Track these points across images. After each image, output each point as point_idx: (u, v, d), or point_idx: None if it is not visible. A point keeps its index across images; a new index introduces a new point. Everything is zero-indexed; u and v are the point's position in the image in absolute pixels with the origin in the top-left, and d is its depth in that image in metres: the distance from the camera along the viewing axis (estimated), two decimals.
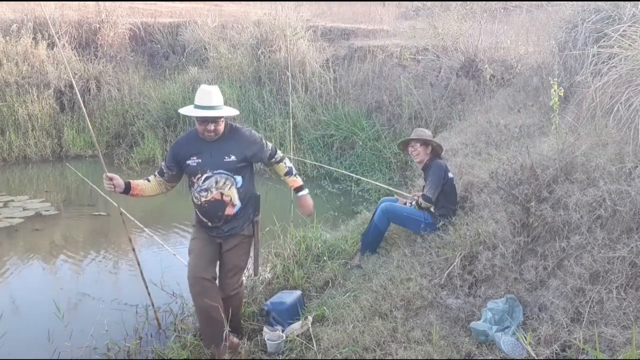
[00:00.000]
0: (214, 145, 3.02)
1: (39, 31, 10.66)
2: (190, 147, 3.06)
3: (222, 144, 3.03)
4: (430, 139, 4.25)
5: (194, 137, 3.08)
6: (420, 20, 9.74)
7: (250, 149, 3.10)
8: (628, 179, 2.81)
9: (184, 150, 3.07)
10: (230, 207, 3.05)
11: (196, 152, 3.03)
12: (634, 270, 2.52)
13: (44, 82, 9.80)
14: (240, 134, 3.11)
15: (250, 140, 3.12)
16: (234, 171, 3.03)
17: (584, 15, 4.88)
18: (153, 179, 3.19)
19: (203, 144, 3.03)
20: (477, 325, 2.80)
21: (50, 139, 9.55)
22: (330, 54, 9.80)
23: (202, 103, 2.94)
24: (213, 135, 2.98)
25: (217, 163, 2.99)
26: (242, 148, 3.05)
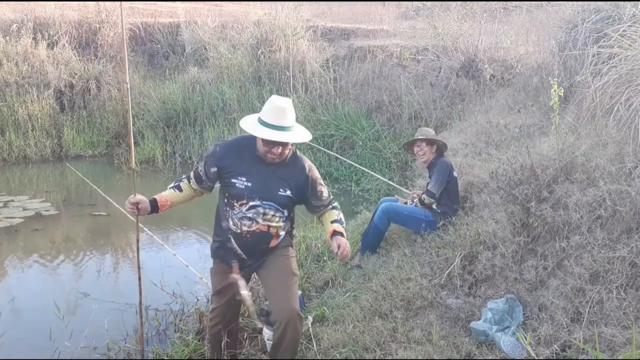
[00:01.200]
0: (271, 171, 2.50)
1: (39, 31, 10.66)
2: (242, 163, 2.51)
3: (281, 171, 2.51)
4: (436, 138, 4.27)
5: (248, 150, 2.52)
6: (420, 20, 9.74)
7: (304, 192, 2.60)
8: (628, 179, 2.81)
9: (232, 164, 2.52)
10: (275, 239, 2.61)
11: (247, 171, 2.49)
12: (634, 270, 2.52)
13: (44, 82, 9.80)
14: (300, 165, 2.58)
15: (313, 179, 2.60)
16: (284, 206, 2.56)
17: (584, 15, 4.88)
18: (186, 186, 2.67)
19: (258, 164, 2.50)
20: (477, 325, 2.80)
21: (50, 139, 9.55)
22: (330, 54, 9.80)
23: (273, 122, 2.39)
24: (276, 159, 2.47)
25: (269, 194, 2.49)
26: (298, 185, 2.56)
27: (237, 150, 2.55)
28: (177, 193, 2.66)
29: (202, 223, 5.92)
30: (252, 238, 2.53)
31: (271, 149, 2.42)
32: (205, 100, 9.57)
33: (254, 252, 2.58)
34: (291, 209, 2.64)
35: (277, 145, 2.41)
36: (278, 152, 2.43)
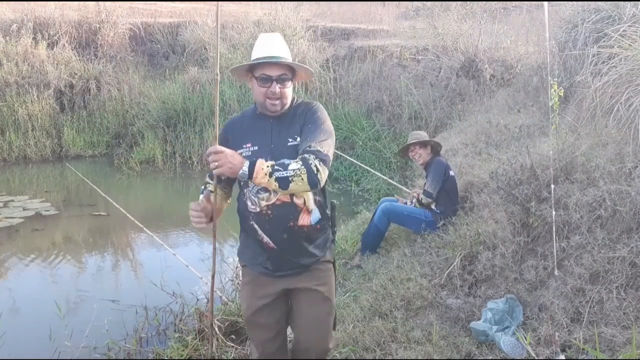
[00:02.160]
0: (276, 124, 2.11)
1: (39, 31, 10.67)
2: (244, 129, 2.15)
3: (286, 121, 2.12)
4: (427, 139, 4.29)
5: (249, 115, 2.21)
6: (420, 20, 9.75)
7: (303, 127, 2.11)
8: (628, 179, 2.81)
9: (235, 135, 2.15)
10: (305, 215, 2.09)
11: (251, 135, 2.12)
12: (634, 270, 2.52)
13: (44, 82, 9.81)
14: (305, 105, 2.17)
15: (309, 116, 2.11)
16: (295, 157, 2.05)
17: (584, 15, 4.89)
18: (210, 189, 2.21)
19: (261, 122, 2.13)
20: (477, 325, 2.80)
21: (50, 139, 9.56)
22: (330, 54, 9.81)
23: (261, 53, 2.07)
24: (278, 104, 2.07)
25: (279, 150, 2.05)
26: (301, 123, 2.11)
27: (239, 120, 2.23)
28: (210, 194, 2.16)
29: None
30: (275, 215, 2.06)
31: (268, 88, 2.03)
32: (205, 100, 9.57)
33: (282, 238, 2.07)
34: None
35: (272, 80, 2.03)
36: (277, 91, 2.03)
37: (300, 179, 1.87)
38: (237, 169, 1.86)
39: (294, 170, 1.87)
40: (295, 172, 1.87)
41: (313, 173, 1.89)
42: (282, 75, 2.06)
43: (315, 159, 1.92)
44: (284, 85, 2.07)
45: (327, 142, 2.03)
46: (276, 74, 2.04)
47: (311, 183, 1.89)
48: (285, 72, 2.06)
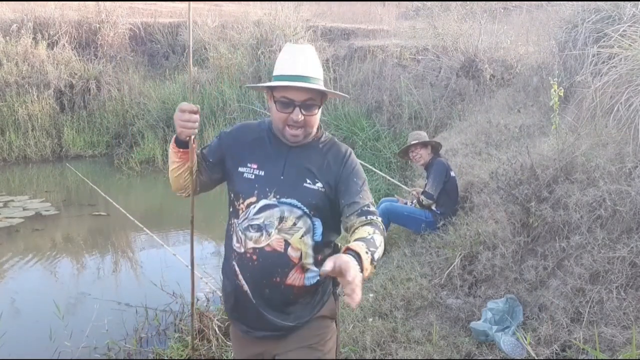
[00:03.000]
0: (294, 155, 1.72)
1: (39, 31, 10.67)
2: (255, 145, 1.77)
3: (306, 154, 1.73)
4: (427, 139, 4.29)
5: (265, 130, 1.80)
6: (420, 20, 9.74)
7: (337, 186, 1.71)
8: (628, 179, 2.81)
9: (243, 148, 1.77)
10: (298, 273, 1.67)
11: (260, 157, 1.73)
12: (634, 270, 2.52)
13: (44, 82, 9.81)
14: (337, 149, 1.76)
15: (348, 167, 1.73)
16: (314, 208, 1.68)
17: (584, 15, 4.89)
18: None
19: (276, 145, 1.75)
20: (477, 325, 2.80)
21: (50, 139, 9.56)
22: (330, 54, 9.81)
23: (287, 71, 1.66)
24: (300, 135, 1.69)
25: (290, 188, 1.68)
26: (332, 177, 1.70)
27: (253, 131, 1.81)
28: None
29: (202, 223, 5.92)
30: (260, 263, 1.65)
31: (290, 115, 1.64)
32: (205, 100, 9.57)
33: (263, 292, 1.67)
34: (326, 216, 1.71)
35: (295, 106, 1.63)
36: (300, 120, 1.64)
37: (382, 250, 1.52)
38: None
39: (379, 243, 1.49)
40: (381, 244, 1.50)
41: (384, 235, 1.58)
42: (309, 100, 1.64)
43: (377, 216, 1.63)
44: (311, 112, 1.66)
45: (371, 199, 1.73)
46: (301, 99, 1.63)
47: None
48: (312, 96, 1.64)
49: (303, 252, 1.67)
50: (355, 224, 1.60)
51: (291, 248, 1.66)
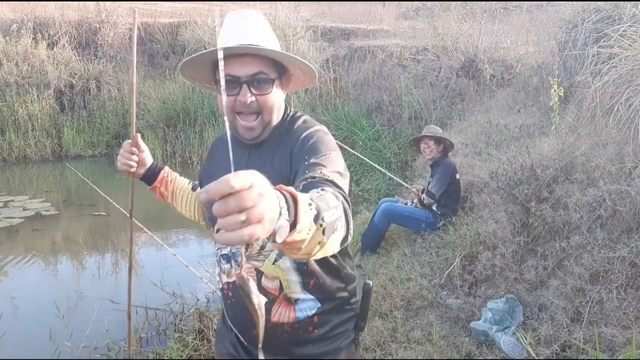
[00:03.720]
0: (253, 155, 1.38)
1: (39, 31, 10.67)
2: (216, 160, 1.52)
3: (268, 147, 1.37)
4: (443, 136, 4.28)
5: (221, 142, 1.55)
6: (420, 20, 9.75)
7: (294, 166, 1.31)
8: (628, 179, 2.81)
9: (214, 157, 1.55)
10: (283, 306, 1.33)
11: (221, 165, 1.41)
12: (634, 270, 2.52)
13: (44, 82, 9.81)
14: (292, 124, 1.39)
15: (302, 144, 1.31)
16: None
17: (584, 15, 4.88)
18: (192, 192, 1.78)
19: (235, 149, 1.18)
20: (477, 325, 2.80)
21: (50, 139, 9.56)
22: (330, 54, 9.81)
23: (224, 40, 1.27)
24: (254, 126, 1.32)
25: None
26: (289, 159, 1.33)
27: (218, 142, 1.57)
28: (185, 185, 1.78)
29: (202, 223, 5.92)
30: (236, 300, 1.37)
31: (236, 98, 1.26)
32: (205, 100, 9.57)
33: (252, 335, 1.34)
34: None
35: (243, 84, 1.25)
36: (248, 103, 1.27)
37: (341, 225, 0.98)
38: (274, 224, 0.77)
39: (336, 205, 0.98)
40: (338, 208, 0.98)
41: (350, 219, 1.05)
42: (259, 74, 1.26)
43: (338, 192, 1.09)
44: (263, 90, 1.27)
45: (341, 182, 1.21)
46: (248, 73, 1.25)
47: (343, 239, 1.01)
48: (263, 69, 1.26)
49: (282, 280, 1.28)
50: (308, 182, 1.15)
51: (265, 278, 1.30)
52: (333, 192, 1.04)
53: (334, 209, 0.95)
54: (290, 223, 0.81)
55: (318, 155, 1.24)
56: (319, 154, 1.24)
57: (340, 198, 1.04)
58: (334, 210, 0.95)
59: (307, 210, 0.87)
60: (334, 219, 0.94)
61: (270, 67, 1.29)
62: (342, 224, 0.99)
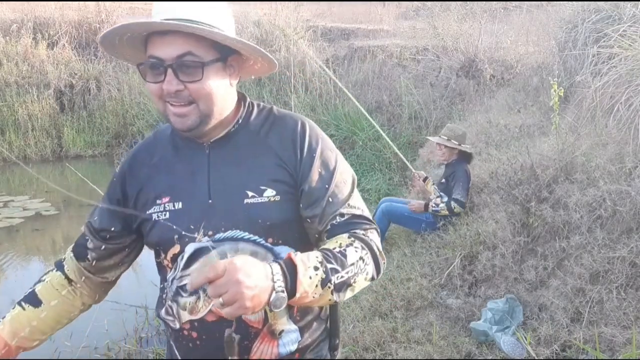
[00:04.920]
0: (216, 157, 1.14)
1: (39, 31, 10.67)
2: (160, 167, 1.17)
3: (235, 147, 1.14)
4: (463, 140, 4.11)
5: (167, 137, 1.20)
6: (420, 20, 9.75)
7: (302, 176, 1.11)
8: (628, 179, 2.81)
9: (142, 180, 1.18)
10: (266, 341, 1.11)
11: (169, 178, 1.15)
12: (634, 270, 2.52)
13: (44, 82, 9.81)
14: (283, 123, 1.16)
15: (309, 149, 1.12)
16: (272, 232, 1.10)
17: (584, 15, 4.88)
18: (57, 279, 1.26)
19: (189, 152, 1.16)
20: (477, 325, 2.80)
21: (50, 139, 9.56)
22: (330, 54, 9.81)
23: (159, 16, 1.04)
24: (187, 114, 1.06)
25: (225, 211, 1.09)
26: (287, 163, 1.12)
27: (150, 148, 1.20)
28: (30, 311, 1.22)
29: None
30: (205, 341, 1.10)
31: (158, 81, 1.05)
32: None
33: None
34: (294, 236, 1.12)
35: (166, 67, 1.02)
36: (173, 91, 1.03)
37: (364, 277, 1.01)
38: (265, 296, 0.85)
39: (356, 261, 0.99)
40: (358, 265, 0.99)
41: (378, 259, 1.06)
42: (186, 55, 1.01)
43: (369, 231, 1.09)
44: (192, 75, 1.02)
45: (357, 195, 1.15)
46: (172, 55, 1.01)
47: (376, 275, 1.07)
48: (190, 48, 1.01)
49: (267, 309, 1.01)
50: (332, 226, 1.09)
51: None
52: (361, 241, 1.05)
53: (350, 267, 0.99)
54: (289, 291, 0.90)
55: (329, 168, 1.13)
56: (330, 165, 1.13)
57: (369, 243, 1.06)
58: (351, 268, 0.99)
59: (311, 276, 0.92)
60: (349, 276, 0.98)
61: (205, 47, 1.03)
62: (362, 272, 1.02)
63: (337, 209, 1.09)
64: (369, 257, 1.05)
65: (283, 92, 9.19)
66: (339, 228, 1.09)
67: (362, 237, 1.07)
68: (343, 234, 1.07)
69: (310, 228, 1.13)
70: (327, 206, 1.09)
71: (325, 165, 1.13)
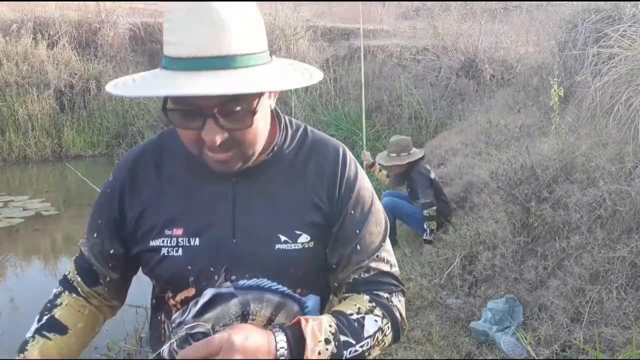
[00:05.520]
0: (243, 188, 0.94)
1: (39, 31, 10.67)
2: (171, 186, 0.97)
3: (269, 179, 0.96)
4: (408, 152, 4.14)
5: (176, 156, 0.99)
6: (420, 20, 9.75)
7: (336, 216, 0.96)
8: (628, 179, 2.81)
9: (142, 198, 0.97)
10: None
11: (186, 207, 0.95)
12: (634, 270, 2.52)
13: (44, 82, 9.80)
14: (324, 151, 0.99)
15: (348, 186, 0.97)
16: (304, 283, 0.97)
17: (584, 15, 4.88)
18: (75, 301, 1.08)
19: (209, 179, 0.94)
20: (477, 325, 2.80)
21: (50, 139, 9.55)
22: (330, 54, 9.81)
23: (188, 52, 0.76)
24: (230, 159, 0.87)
25: (251, 255, 0.92)
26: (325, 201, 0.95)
27: (156, 163, 0.99)
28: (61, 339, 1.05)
29: None
30: None
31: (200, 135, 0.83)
32: None
33: None
34: (320, 289, 1.02)
35: (207, 117, 0.81)
36: (217, 143, 0.82)
37: (380, 348, 0.93)
38: None
39: (374, 333, 0.91)
40: (376, 337, 0.91)
41: (399, 327, 0.97)
42: (230, 102, 0.81)
43: (393, 295, 0.98)
44: (239, 122, 0.83)
45: (388, 244, 1.01)
46: (214, 102, 0.80)
47: (393, 343, 0.99)
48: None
49: None
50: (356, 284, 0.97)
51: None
52: (382, 308, 0.95)
53: (367, 340, 0.90)
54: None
55: (364, 210, 0.98)
56: (366, 206, 0.98)
57: (388, 313, 0.95)
58: (367, 341, 0.90)
59: (320, 351, 0.83)
60: (363, 350, 0.89)
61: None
62: (380, 343, 0.93)
63: (364, 260, 0.96)
64: (389, 327, 0.94)
65: (283, 92, 9.19)
66: (362, 285, 0.97)
67: (385, 303, 0.96)
68: (364, 294, 0.96)
69: (332, 275, 0.99)
70: (353, 254, 0.95)
71: (360, 205, 0.97)
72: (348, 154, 1.01)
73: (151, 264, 0.97)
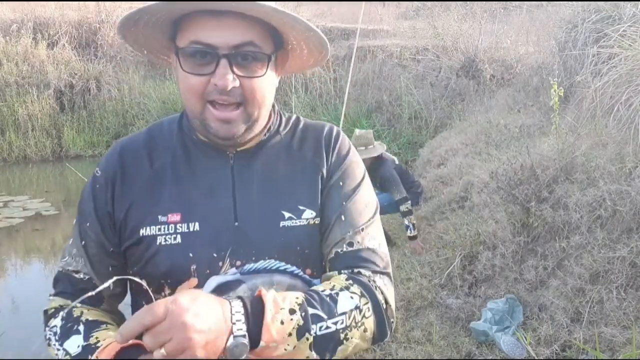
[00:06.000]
0: (242, 169, 0.91)
1: (39, 31, 10.67)
2: (163, 174, 0.92)
3: (266, 159, 0.94)
4: (371, 147, 4.27)
5: (168, 143, 0.95)
6: (420, 20, 9.76)
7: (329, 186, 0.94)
8: (628, 179, 2.81)
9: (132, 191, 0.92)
10: None
11: (181, 193, 0.90)
12: (634, 270, 2.52)
13: (44, 82, 9.81)
14: (315, 129, 1.00)
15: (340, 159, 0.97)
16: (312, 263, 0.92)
17: (584, 15, 4.89)
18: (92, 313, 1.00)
19: (206, 161, 0.92)
20: (477, 325, 2.80)
21: (50, 139, 9.56)
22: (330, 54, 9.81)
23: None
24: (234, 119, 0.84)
25: (256, 235, 0.88)
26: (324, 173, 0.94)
27: (147, 153, 0.95)
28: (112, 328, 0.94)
29: None
30: None
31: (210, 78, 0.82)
32: None
33: None
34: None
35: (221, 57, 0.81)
36: (229, 88, 0.81)
37: (360, 333, 0.82)
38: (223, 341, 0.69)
39: (350, 311, 0.80)
40: (353, 316, 0.80)
41: (383, 314, 0.85)
42: (246, 45, 0.82)
43: (378, 275, 0.88)
44: (252, 70, 0.84)
45: (378, 229, 0.95)
46: (230, 42, 0.81)
47: (379, 336, 0.85)
48: (253, 38, 0.82)
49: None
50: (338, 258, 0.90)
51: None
52: (361, 286, 0.84)
53: (341, 316, 0.78)
54: (253, 336, 0.70)
55: (352, 183, 0.94)
56: (354, 180, 0.94)
57: (367, 293, 0.83)
58: (341, 318, 0.78)
59: (283, 320, 0.72)
60: (337, 328, 0.77)
61: (266, 36, 0.84)
62: (362, 326, 0.81)
63: (347, 232, 0.89)
64: (369, 309, 0.82)
65: (283, 92, 9.19)
66: (344, 260, 0.88)
67: (365, 281, 0.85)
68: (346, 269, 0.87)
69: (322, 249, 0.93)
70: (335, 224, 0.89)
71: (349, 178, 0.94)
72: (342, 133, 1.01)
73: (145, 258, 0.88)
